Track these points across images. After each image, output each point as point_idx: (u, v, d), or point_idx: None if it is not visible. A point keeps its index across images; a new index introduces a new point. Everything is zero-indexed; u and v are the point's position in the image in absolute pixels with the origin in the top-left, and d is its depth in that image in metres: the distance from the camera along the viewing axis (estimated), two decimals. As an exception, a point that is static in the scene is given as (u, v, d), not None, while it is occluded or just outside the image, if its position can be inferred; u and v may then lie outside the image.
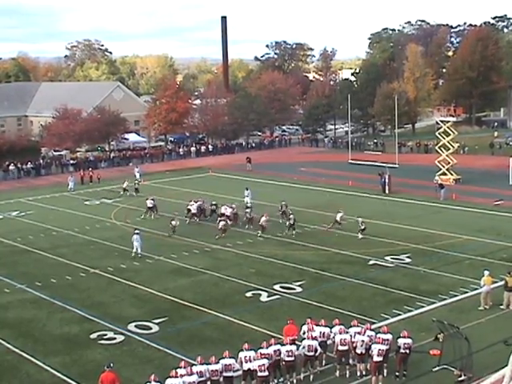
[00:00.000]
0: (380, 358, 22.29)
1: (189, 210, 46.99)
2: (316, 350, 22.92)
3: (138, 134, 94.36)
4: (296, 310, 28.39)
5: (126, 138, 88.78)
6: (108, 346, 25.86)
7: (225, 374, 21.31)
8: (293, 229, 42.23)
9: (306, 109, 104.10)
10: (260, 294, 31.48)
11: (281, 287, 32.40)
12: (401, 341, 23.13)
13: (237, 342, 23.52)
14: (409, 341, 23.14)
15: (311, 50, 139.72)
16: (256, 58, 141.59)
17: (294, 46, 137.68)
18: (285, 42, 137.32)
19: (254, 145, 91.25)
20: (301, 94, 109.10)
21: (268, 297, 31.22)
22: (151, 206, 48.96)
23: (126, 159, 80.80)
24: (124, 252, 38.56)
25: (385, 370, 22.77)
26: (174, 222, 43.09)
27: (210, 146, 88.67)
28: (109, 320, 28.47)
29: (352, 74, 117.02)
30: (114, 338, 26.56)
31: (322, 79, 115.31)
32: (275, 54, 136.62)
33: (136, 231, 39.04)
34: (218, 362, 21.30)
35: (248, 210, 45.54)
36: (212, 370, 21.09)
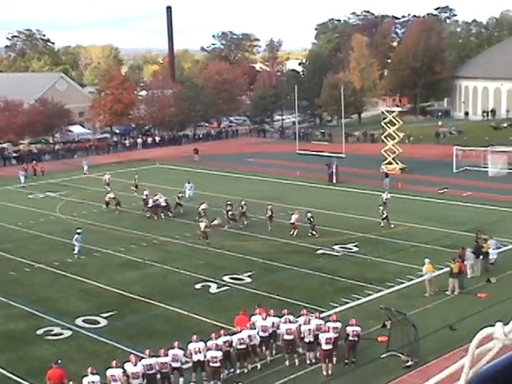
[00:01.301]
0: (329, 347, 22.48)
1: (146, 203, 46.15)
2: (257, 340, 23.08)
3: (83, 126, 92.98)
4: (245, 301, 28.40)
5: (70, 130, 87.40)
6: (55, 341, 25.50)
7: (173, 365, 21.26)
8: (245, 217, 42.30)
9: (253, 99, 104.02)
10: (209, 286, 31.41)
11: (230, 278, 32.37)
12: (349, 328, 23.35)
13: (186, 334, 23.42)
14: (357, 328, 23.37)
15: (258, 40, 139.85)
16: (202, 49, 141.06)
17: (241, 37, 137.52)
18: (231, 32, 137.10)
19: (201, 136, 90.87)
20: (248, 85, 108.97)
21: (217, 288, 31.18)
22: (113, 197, 47.73)
23: (70, 152, 79.52)
24: (70, 246, 37.94)
25: (334, 358, 22.96)
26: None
27: (156, 138, 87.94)
28: (55, 315, 28.06)
29: (299, 65, 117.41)
30: (61, 334, 26.20)
31: (268, 70, 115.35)
32: (222, 44, 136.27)
33: (78, 231, 37.68)
34: (167, 355, 21.21)
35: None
36: (161, 363, 20.99)
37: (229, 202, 43.22)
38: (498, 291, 29.47)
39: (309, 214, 40.45)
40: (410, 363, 22.99)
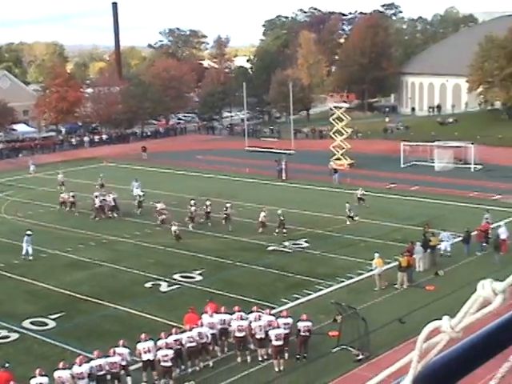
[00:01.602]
0: (279, 342, 22.51)
1: (94, 203, 45.48)
2: (207, 337, 22.99)
3: (28, 125, 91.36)
4: (196, 299, 28.24)
5: (14, 129, 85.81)
6: (1, 344, 24.98)
7: (123, 364, 21.08)
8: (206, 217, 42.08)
9: (202, 96, 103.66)
10: (160, 285, 31.17)
11: (181, 276, 32.19)
12: (300, 324, 23.41)
13: (136, 334, 23.14)
14: (308, 324, 23.44)
15: (205, 37, 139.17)
16: (149, 46, 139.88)
17: (188, 33, 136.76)
18: (178, 28, 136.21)
19: (149, 133, 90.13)
20: (196, 82, 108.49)
21: (168, 287, 30.98)
22: (67, 197, 46.82)
23: (15, 151, 77.92)
24: (16, 247, 37.11)
25: (286, 354, 23.00)
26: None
27: (103, 136, 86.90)
28: (1, 318, 27.47)
29: (247, 61, 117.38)
30: (8, 337, 25.68)
31: (216, 66, 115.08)
32: (169, 41, 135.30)
33: (27, 232, 36.72)
34: (117, 354, 21.01)
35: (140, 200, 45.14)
36: (111, 363, 20.75)
37: (192, 202, 42.66)
38: (446, 284, 29.90)
39: (279, 212, 40.04)
40: (360, 357, 23.16)
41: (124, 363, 21.16)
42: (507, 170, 55.59)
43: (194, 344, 22.46)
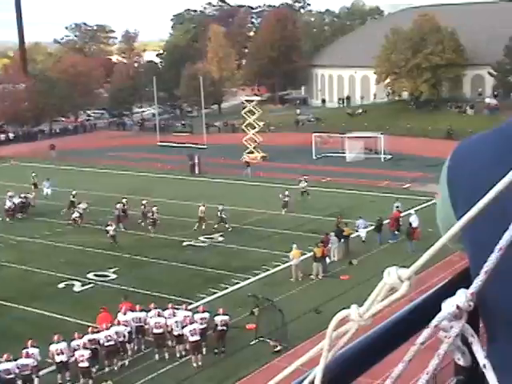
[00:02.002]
0: (195, 338, 22.40)
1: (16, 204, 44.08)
2: (124, 336, 22.71)
3: None
4: (111, 298, 27.73)
5: None
6: None
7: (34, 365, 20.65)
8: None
9: (111, 92, 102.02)
10: (73, 284, 30.54)
11: (95, 275, 31.62)
12: (217, 318, 23.37)
13: (49, 336, 22.56)
14: (225, 317, 23.42)
15: (113, 31, 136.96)
16: (55, 41, 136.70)
17: (95, 28, 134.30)
18: (85, 23, 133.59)
19: (58, 131, 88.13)
20: (105, 77, 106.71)
21: (82, 286, 30.38)
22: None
23: None
24: None
25: (203, 349, 22.90)
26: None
27: (10, 134, 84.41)
28: None
29: (156, 56, 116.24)
30: None
31: (125, 61, 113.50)
32: (75, 36, 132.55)
33: None
34: (28, 357, 20.47)
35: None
36: (21, 365, 20.22)
37: (124, 201, 41.82)
38: (360, 273, 30.36)
39: (220, 207, 39.53)
40: (278, 348, 23.29)
41: (35, 364, 20.64)
42: (416, 159, 56.98)
43: (112, 343, 22.11)
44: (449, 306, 1.02)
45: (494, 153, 1.51)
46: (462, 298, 1.01)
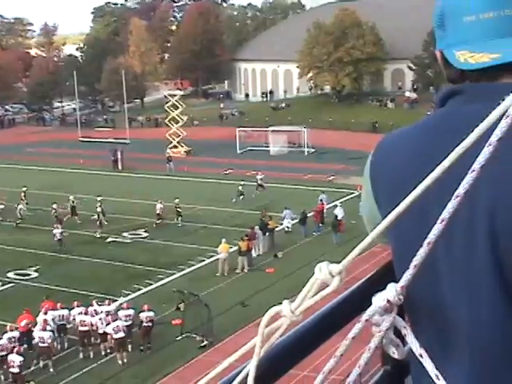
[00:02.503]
0: (120, 335, 22.14)
1: None
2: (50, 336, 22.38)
3: None
4: (33, 297, 27.09)
5: None
6: None
7: None
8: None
9: (30, 86, 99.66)
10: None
11: (15, 274, 30.81)
12: (143, 315, 23.14)
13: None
14: (150, 314, 23.21)
15: (31, 24, 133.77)
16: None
17: (12, 21, 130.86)
18: (1, 16, 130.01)
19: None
20: (23, 71, 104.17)
21: (1, 286, 29.57)
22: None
23: None
24: None
25: (129, 346, 22.65)
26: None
27: None
28: None
29: (76, 50, 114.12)
30: None
31: (44, 55, 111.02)
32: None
33: None
34: None
35: None
36: None
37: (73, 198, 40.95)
38: (285, 265, 30.56)
39: (176, 201, 39.19)
40: (205, 343, 23.22)
41: None
42: (338, 152, 57.68)
43: (45, 344, 21.79)
44: (379, 300, 1.03)
45: (415, 148, 1.51)
46: (392, 292, 1.03)
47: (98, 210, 38.61)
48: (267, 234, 33.66)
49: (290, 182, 47.30)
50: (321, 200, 38.49)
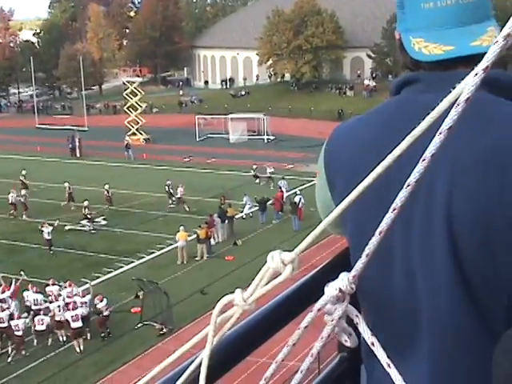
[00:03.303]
0: (77, 324, 22.08)
1: None
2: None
3: None
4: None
5: None
6: None
7: None
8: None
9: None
10: None
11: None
12: (100, 303, 23.08)
13: None
14: (104, 302, 23.23)
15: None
16: None
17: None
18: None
19: None
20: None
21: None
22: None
23: None
24: None
25: (88, 334, 22.58)
26: None
27: None
28: None
29: (33, 35, 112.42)
30: None
31: (0, 41, 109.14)
32: None
33: None
34: None
35: None
36: None
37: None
38: (244, 253, 30.60)
39: (168, 183, 39.64)
40: (164, 331, 23.21)
41: None
42: (298, 140, 57.87)
43: (20, 333, 21.71)
44: (332, 289, 1.04)
45: (369, 136, 1.51)
46: (344, 281, 1.03)
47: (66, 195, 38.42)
48: (226, 221, 33.67)
49: (250, 169, 47.31)
50: (280, 187, 38.56)
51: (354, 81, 78.07)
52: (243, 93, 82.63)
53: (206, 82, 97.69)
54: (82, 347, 22.15)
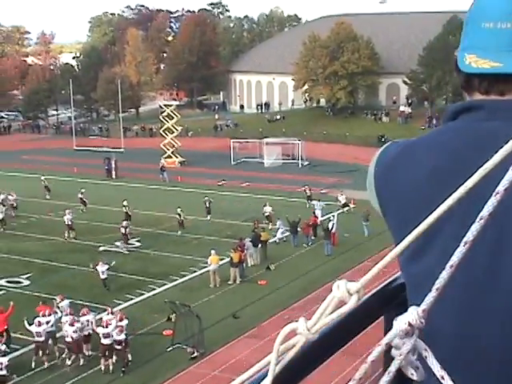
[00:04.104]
0: (108, 341, 22.22)
1: None
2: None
3: None
4: (24, 304, 26.95)
5: None
6: None
7: None
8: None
9: (26, 94, 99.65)
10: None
11: (6, 282, 30.69)
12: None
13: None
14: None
15: (28, 33, 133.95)
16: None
17: (10, 29, 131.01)
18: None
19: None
20: (19, 79, 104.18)
21: (-8, 293, 29.44)
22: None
23: None
24: None
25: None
26: None
27: None
28: None
29: (73, 58, 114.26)
30: None
31: (41, 63, 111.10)
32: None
33: None
34: None
35: None
36: None
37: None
38: (277, 278, 30.55)
39: (206, 198, 40.26)
40: (195, 354, 23.14)
41: None
42: (332, 165, 57.78)
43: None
44: (401, 323, 1.02)
45: (432, 162, 1.46)
46: (413, 315, 1.01)
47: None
48: (260, 245, 33.64)
49: (284, 194, 47.34)
50: (313, 213, 38.60)
51: (389, 107, 77.89)
52: (278, 117, 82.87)
53: (242, 107, 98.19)
54: (111, 367, 22.22)
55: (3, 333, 23.29)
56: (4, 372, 20.68)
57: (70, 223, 37.96)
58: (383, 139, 64.35)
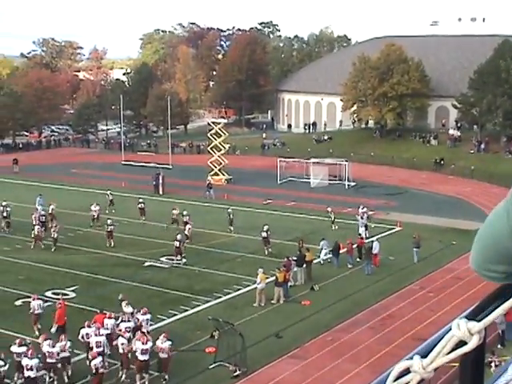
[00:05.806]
0: (145, 357, 22.21)
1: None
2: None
3: None
4: (70, 316, 27.24)
5: None
6: None
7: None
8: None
9: (77, 108, 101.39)
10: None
11: (53, 293, 31.06)
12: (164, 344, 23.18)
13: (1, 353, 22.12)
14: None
15: (81, 48, 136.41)
16: (22, 55, 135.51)
17: (63, 44, 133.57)
18: (53, 38, 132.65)
19: (21, 146, 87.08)
20: (71, 93, 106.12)
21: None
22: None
23: None
24: None
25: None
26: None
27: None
28: None
29: (124, 74, 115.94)
30: None
31: (92, 78, 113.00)
32: (42, 51, 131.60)
33: None
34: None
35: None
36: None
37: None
38: (321, 298, 30.38)
39: (230, 210, 41.51)
40: (237, 373, 23.09)
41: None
42: (379, 187, 57.39)
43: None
44: None
45: None
46: None
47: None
48: (304, 265, 33.50)
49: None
50: (359, 234, 38.43)
51: (438, 130, 77.13)
52: (326, 138, 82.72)
53: (290, 126, 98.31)
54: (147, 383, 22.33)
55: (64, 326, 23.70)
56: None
57: (109, 230, 39.48)
58: (441, 162, 63.78)
